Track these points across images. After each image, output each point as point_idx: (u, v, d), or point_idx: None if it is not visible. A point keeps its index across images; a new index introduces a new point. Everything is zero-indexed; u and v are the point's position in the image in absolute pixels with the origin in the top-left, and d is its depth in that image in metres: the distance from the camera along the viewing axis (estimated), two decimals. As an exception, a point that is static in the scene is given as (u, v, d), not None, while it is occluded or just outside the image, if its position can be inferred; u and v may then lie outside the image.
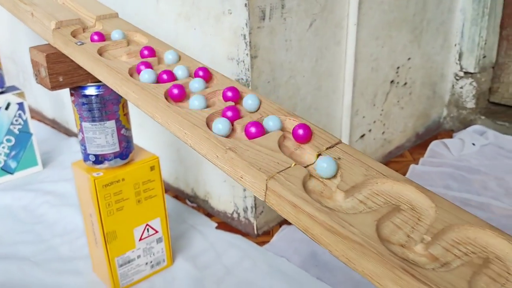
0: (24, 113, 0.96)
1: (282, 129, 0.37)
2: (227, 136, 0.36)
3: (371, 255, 0.27)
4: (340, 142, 0.36)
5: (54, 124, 1.23)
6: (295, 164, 0.33)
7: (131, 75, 0.44)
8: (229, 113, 0.38)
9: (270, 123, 0.37)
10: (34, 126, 1.01)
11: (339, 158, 0.35)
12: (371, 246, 0.27)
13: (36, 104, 1.28)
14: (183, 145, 0.83)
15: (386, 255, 0.27)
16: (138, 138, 0.82)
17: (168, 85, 0.42)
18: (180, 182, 0.89)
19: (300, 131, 0.35)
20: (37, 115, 1.29)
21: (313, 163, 0.34)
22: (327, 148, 0.35)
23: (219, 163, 0.36)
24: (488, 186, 0.88)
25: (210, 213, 0.84)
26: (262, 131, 0.36)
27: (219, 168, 0.36)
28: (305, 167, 0.34)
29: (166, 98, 0.40)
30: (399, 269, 0.26)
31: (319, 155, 0.35)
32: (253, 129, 0.36)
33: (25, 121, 0.96)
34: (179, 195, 0.90)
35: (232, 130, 0.37)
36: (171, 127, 0.39)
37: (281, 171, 0.33)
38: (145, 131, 0.89)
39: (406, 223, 0.30)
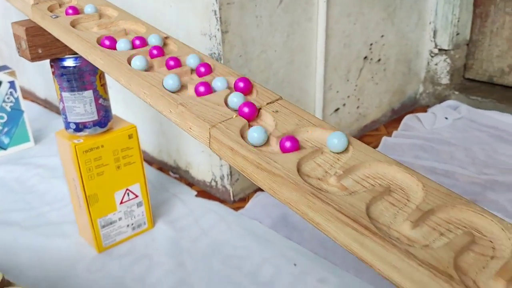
0: (16, 91, 1.00)
1: (230, 88, 0.42)
2: (179, 92, 0.41)
3: (289, 185, 0.32)
4: (280, 98, 0.41)
5: (46, 104, 1.28)
6: (236, 116, 0.38)
7: (101, 44, 0.48)
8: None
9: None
10: (27, 105, 1.06)
11: (276, 111, 0.39)
12: (290, 178, 0.32)
13: (29, 85, 1.33)
14: (165, 119, 0.87)
15: (301, 184, 0.32)
16: (123, 114, 0.87)
17: (132, 52, 0.46)
18: (163, 155, 0.94)
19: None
20: (30, 96, 1.33)
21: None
22: (267, 103, 0.40)
23: (172, 117, 0.40)
24: (455, 156, 0.93)
25: (191, 183, 0.89)
26: (209, 90, 0.41)
27: (173, 122, 0.41)
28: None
29: (129, 63, 0.45)
30: (310, 195, 0.31)
31: (259, 109, 0.39)
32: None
33: (17, 99, 1.01)
34: (163, 167, 0.95)
35: (184, 88, 0.42)
36: (133, 89, 0.44)
37: (223, 121, 0.37)
38: (129, 107, 0.94)
39: (327, 162, 0.35)
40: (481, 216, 0.30)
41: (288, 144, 0.35)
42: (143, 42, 0.48)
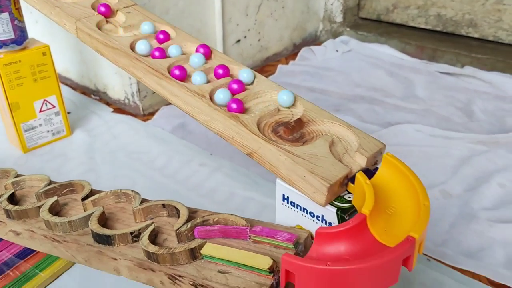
0: None
1: (99, -2, 0.57)
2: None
3: (123, 54, 0.48)
4: (135, 4, 0.56)
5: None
6: (97, 14, 0.53)
7: None
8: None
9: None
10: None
11: (129, 12, 0.55)
12: (122, 49, 0.48)
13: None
14: (85, 46, 1.01)
15: (130, 53, 0.48)
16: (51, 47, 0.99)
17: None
18: (85, 80, 1.07)
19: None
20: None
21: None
22: (123, 7, 0.55)
23: (52, 17, 0.55)
24: (335, 79, 1.11)
25: (108, 102, 1.04)
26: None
27: (54, 21, 0.55)
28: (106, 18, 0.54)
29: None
30: (134, 59, 0.47)
31: (117, 10, 0.55)
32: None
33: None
34: (86, 92, 1.09)
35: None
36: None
37: (85, 17, 0.52)
38: (55, 41, 1.06)
39: (150, 44, 0.51)
40: (340, 126, 0.45)
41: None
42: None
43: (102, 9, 0.51)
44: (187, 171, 0.79)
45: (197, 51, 0.51)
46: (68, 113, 0.96)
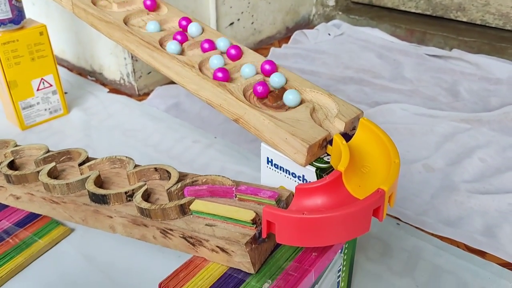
0: None
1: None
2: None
3: (115, 28, 0.50)
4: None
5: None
6: (92, -9, 0.55)
7: None
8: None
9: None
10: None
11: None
12: (116, 23, 0.51)
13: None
14: (80, 27, 1.03)
15: (123, 27, 0.50)
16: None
17: None
18: (81, 61, 1.10)
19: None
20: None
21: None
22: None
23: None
24: (326, 61, 1.14)
25: (104, 83, 1.06)
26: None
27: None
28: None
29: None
30: (127, 32, 0.49)
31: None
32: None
33: None
34: (82, 73, 1.11)
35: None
36: None
37: (81, -6, 0.55)
38: (52, 21, 1.08)
39: (142, 19, 0.53)
40: (321, 94, 0.47)
41: None
42: None
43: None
44: (180, 148, 0.82)
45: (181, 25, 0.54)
46: (65, 93, 0.98)
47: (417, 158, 0.78)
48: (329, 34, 1.27)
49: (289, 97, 0.44)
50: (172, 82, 1.04)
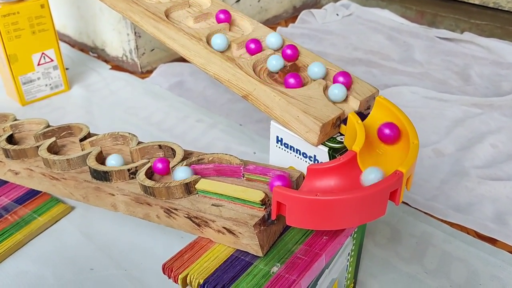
0: None
1: None
2: None
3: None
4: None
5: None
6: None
7: None
8: None
9: None
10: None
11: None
12: None
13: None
14: (82, 1, 1.00)
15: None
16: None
17: None
18: (83, 37, 1.07)
19: None
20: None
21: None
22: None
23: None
24: (333, 42, 1.11)
25: (107, 60, 1.04)
26: None
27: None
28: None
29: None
30: (131, 2, 0.47)
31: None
32: None
33: None
34: (84, 49, 1.09)
35: None
36: None
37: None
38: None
39: None
40: (334, 71, 0.46)
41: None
42: None
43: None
44: (183, 127, 0.80)
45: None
46: (66, 69, 0.96)
47: (427, 143, 0.76)
48: (337, 14, 1.24)
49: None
50: (176, 60, 1.02)
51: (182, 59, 1.01)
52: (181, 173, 0.39)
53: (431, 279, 0.52)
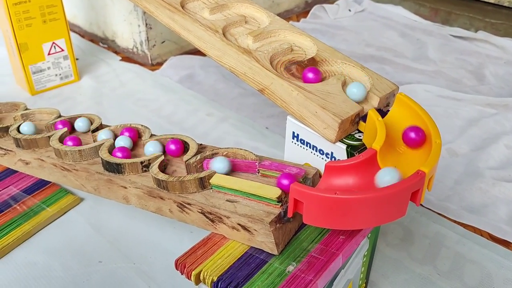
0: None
1: None
2: None
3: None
4: None
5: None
6: None
7: None
8: None
9: None
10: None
11: None
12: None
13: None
14: (93, -8, 0.99)
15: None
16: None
17: None
18: (93, 27, 1.06)
19: None
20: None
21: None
22: None
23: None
24: (346, 38, 1.09)
25: (117, 51, 1.03)
26: None
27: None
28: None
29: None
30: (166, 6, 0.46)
31: None
32: None
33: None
34: (94, 39, 1.08)
35: None
36: None
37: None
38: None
39: None
40: (353, 67, 0.44)
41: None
42: None
43: None
44: (193, 120, 0.79)
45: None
46: (76, 59, 0.95)
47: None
48: (349, 10, 1.22)
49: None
50: (186, 53, 1.01)
51: (193, 52, 1.01)
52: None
53: (444, 281, 0.52)
